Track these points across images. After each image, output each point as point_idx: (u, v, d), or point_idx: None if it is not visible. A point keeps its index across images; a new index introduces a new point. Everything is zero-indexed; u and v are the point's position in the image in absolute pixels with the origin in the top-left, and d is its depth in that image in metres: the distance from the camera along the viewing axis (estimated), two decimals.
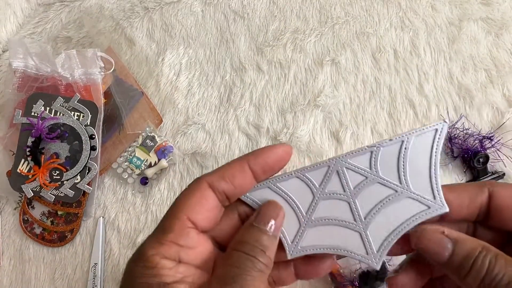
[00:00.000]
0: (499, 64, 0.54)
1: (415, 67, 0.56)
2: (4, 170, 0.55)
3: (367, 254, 0.28)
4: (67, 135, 0.54)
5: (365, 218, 0.29)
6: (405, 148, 0.28)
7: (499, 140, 0.51)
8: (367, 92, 0.55)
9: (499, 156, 0.50)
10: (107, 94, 0.57)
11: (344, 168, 0.29)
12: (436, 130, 0.28)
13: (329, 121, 0.55)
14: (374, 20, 0.58)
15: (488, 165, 0.50)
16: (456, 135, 0.51)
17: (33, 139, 0.53)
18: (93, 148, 0.54)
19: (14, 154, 0.54)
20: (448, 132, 0.52)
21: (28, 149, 0.53)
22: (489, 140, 0.50)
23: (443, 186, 0.28)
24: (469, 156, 0.50)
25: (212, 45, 0.60)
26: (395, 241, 0.28)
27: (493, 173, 0.50)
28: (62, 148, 0.54)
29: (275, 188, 0.30)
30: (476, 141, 0.51)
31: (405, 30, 0.57)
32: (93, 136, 0.54)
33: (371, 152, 0.29)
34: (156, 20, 0.62)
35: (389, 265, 0.47)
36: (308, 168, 0.30)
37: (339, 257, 0.46)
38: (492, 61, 0.55)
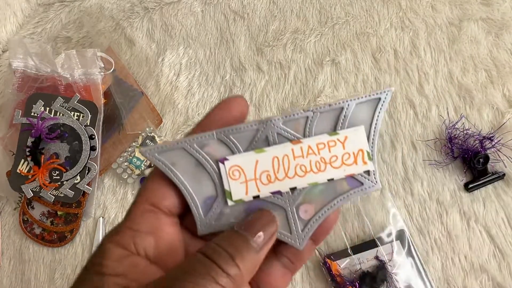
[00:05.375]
0: (499, 64, 0.54)
1: (415, 67, 0.56)
2: (4, 170, 0.54)
3: (291, 233, 0.26)
4: (66, 135, 0.54)
5: (292, 192, 0.26)
6: (344, 116, 0.26)
7: (499, 140, 0.51)
8: (367, 92, 0.55)
9: (499, 157, 0.50)
10: (107, 94, 0.57)
11: (276, 134, 0.26)
12: (379, 99, 0.26)
13: None
14: (374, 20, 0.58)
15: (488, 166, 0.50)
16: (456, 136, 0.51)
17: (33, 139, 0.53)
18: (92, 148, 0.53)
19: (14, 154, 0.54)
20: (448, 132, 0.52)
21: (28, 149, 0.53)
22: (489, 141, 0.50)
23: None
24: (469, 156, 0.50)
25: (212, 45, 0.60)
26: (323, 219, 0.26)
27: (493, 174, 0.50)
28: (62, 148, 0.54)
29: (192, 150, 0.25)
30: (476, 142, 0.51)
31: (405, 30, 0.57)
32: (93, 136, 0.54)
33: (307, 118, 0.26)
34: (156, 20, 0.62)
35: (389, 266, 0.47)
36: (232, 129, 0.25)
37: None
38: (492, 61, 0.55)
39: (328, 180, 0.26)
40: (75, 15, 0.63)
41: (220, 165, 0.25)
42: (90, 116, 0.54)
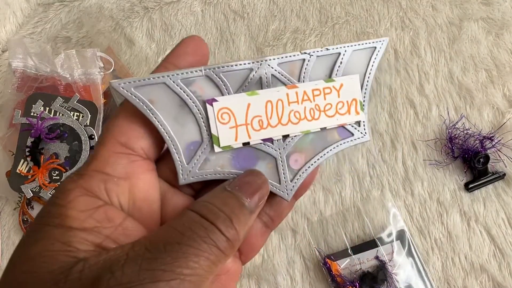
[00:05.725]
0: (499, 64, 0.54)
1: (415, 67, 0.56)
2: (3, 171, 0.54)
3: (280, 183, 0.24)
4: (66, 135, 0.54)
5: (284, 140, 0.24)
6: (340, 62, 0.25)
7: (500, 140, 0.51)
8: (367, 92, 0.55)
9: (500, 157, 0.50)
10: (107, 94, 0.57)
11: (270, 75, 0.24)
12: (375, 48, 0.26)
13: None
14: (374, 20, 0.58)
15: (489, 166, 0.50)
16: (456, 135, 0.51)
17: (32, 140, 0.53)
18: (92, 148, 0.53)
19: (13, 154, 0.54)
20: (448, 132, 0.52)
21: (27, 150, 0.53)
22: (490, 141, 0.50)
23: None
24: (470, 156, 0.50)
25: (212, 45, 0.60)
26: (312, 169, 0.25)
27: (493, 174, 0.50)
28: (61, 149, 0.54)
29: (175, 86, 0.22)
30: (477, 142, 0.51)
31: (405, 30, 0.57)
32: (93, 136, 0.54)
33: (303, 60, 0.24)
34: (156, 20, 0.62)
35: (389, 266, 0.47)
36: (223, 66, 0.23)
37: None
38: (493, 61, 0.55)
39: (321, 128, 0.25)
40: (74, 15, 0.63)
41: (208, 106, 0.23)
42: (89, 116, 0.54)
